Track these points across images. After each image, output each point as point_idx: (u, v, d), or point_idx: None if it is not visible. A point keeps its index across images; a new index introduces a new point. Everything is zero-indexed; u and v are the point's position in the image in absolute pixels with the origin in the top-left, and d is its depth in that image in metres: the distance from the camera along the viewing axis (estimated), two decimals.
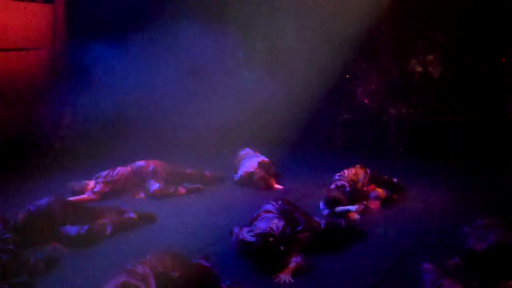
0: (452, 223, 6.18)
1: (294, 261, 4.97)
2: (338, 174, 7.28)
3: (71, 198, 7.08)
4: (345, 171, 7.29)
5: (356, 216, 6.55)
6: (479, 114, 10.78)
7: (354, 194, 6.95)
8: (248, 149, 8.88)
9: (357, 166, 7.40)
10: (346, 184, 6.98)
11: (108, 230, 5.92)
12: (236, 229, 5.39)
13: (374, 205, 6.96)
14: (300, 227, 5.34)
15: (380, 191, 7.13)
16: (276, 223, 5.13)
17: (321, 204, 6.84)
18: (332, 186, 7.05)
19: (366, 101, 10.84)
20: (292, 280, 4.78)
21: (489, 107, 10.86)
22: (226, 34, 10.57)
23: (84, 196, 7.34)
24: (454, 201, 7.30)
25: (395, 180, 7.60)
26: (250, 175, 8.15)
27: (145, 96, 10.24)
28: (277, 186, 8.17)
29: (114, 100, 9.81)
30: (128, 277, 4.01)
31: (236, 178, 8.30)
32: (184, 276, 4.28)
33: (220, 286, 4.39)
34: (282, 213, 5.43)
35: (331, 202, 6.71)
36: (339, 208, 6.66)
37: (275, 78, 10.79)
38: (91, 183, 7.53)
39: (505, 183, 8.33)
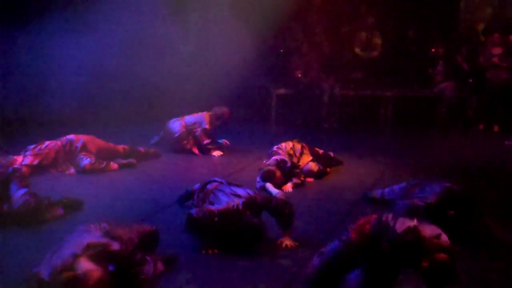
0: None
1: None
2: (276, 146, 7.21)
3: None
4: (283, 144, 7.25)
5: (288, 190, 6.60)
6: (407, 90, 11.13)
7: (291, 169, 6.88)
8: (175, 118, 8.77)
9: (294, 140, 7.42)
10: (287, 160, 6.89)
11: None
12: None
13: (308, 179, 7.02)
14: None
15: (312, 164, 7.18)
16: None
17: (258, 178, 6.76)
18: (273, 158, 6.91)
19: (299, 75, 10.92)
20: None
21: (417, 83, 11.24)
22: (158, 5, 10.35)
23: None
24: (383, 172, 7.50)
25: (331, 154, 7.72)
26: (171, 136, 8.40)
27: (72, 70, 9.91)
28: (215, 153, 8.28)
29: (37, 71, 9.47)
30: (92, 237, 3.71)
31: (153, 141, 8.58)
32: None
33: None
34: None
35: (266, 177, 6.65)
36: (269, 187, 6.48)
37: (209, 51, 10.71)
38: (19, 158, 7.10)
39: (430, 153, 8.69)
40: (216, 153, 8.36)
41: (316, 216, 5.76)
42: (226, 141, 8.58)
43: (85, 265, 3.43)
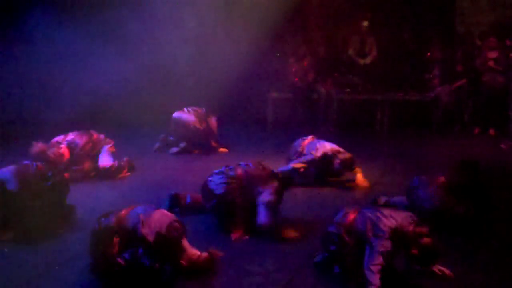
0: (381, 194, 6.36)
1: None
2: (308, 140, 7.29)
3: None
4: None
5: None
6: (403, 94, 11.15)
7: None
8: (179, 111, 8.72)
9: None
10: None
11: None
12: None
13: None
14: None
15: None
16: None
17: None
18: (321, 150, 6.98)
19: (296, 79, 10.91)
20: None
21: (413, 87, 11.26)
22: (154, 8, 10.37)
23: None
24: (380, 175, 7.52)
25: None
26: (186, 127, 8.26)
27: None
28: (222, 149, 8.38)
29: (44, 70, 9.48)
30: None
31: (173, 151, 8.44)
32: None
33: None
34: None
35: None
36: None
37: (207, 54, 10.71)
38: (65, 150, 6.55)
39: (427, 157, 8.73)
40: (223, 150, 8.35)
41: (315, 218, 5.76)
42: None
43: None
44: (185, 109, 8.58)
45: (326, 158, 6.88)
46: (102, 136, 7.13)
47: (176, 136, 8.51)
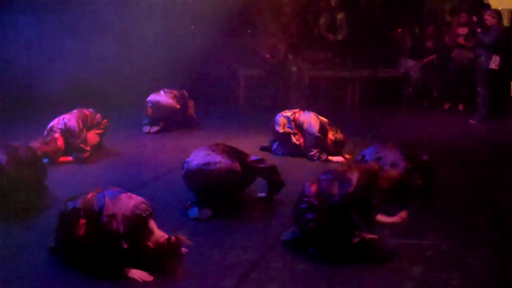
0: None
1: None
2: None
3: None
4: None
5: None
6: (374, 70, 11.19)
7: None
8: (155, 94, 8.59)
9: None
10: None
11: None
12: None
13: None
14: None
15: None
16: None
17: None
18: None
19: (267, 56, 10.86)
20: None
21: (383, 64, 11.31)
22: None
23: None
24: (351, 152, 7.56)
25: None
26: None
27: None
28: None
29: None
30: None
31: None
32: None
33: None
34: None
35: None
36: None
37: (175, 32, 10.58)
38: (60, 140, 6.38)
39: (397, 133, 8.78)
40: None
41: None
42: None
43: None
44: (161, 91, 8.49)
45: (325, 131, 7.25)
46: (98, 115, 6.92)
47: (154, 117, 8.40)
